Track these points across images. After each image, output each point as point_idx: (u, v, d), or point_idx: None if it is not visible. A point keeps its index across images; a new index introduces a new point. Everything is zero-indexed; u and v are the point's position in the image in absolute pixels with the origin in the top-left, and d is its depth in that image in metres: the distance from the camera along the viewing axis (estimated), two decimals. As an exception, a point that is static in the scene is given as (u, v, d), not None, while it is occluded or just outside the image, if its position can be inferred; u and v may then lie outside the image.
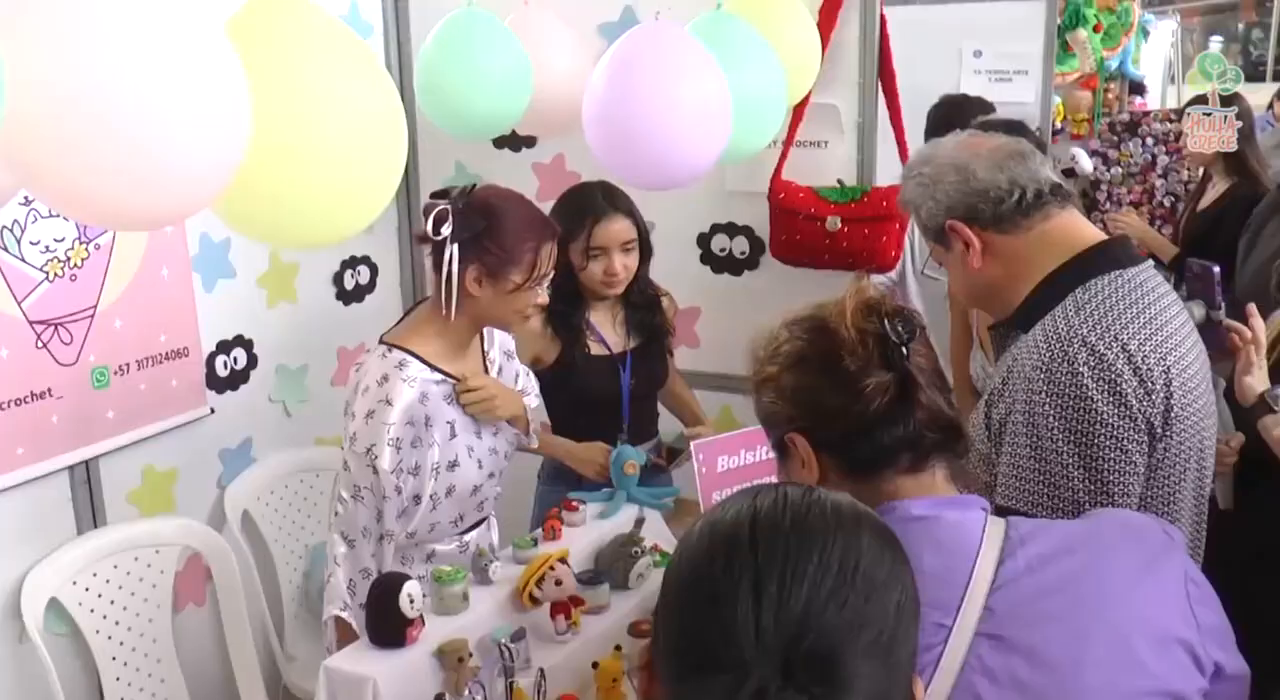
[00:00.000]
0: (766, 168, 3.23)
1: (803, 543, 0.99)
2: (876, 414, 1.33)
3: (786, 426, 1.41)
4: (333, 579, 2.38)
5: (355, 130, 1.67)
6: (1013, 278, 1.83)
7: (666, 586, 1.06)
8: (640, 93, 2.39)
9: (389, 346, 2.40)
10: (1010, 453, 1.72)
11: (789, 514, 1.02)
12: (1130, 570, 1.30)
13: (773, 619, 0.94)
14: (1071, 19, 5.96)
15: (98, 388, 2.78)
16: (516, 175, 3.56)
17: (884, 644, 0.97)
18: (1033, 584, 1.27)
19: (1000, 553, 1.29)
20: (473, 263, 2.32)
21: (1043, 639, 1.24)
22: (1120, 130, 6.15)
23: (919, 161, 1.92)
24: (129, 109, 1.33)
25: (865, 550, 1.00)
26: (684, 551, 1.06)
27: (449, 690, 2.12)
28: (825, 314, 1.40)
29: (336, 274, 3.60)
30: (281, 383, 3.41)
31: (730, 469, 2.69)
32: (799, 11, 2.96)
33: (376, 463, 2.31)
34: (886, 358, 1.34)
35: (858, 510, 1.06)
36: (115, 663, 2.87)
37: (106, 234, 2.74)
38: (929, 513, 1.32)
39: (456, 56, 2.80)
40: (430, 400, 2.38)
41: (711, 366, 3.30)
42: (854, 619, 0.96)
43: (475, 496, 2.54)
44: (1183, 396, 1.71)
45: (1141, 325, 1.70)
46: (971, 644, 1.24)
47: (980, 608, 1.25)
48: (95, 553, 2.83)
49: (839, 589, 0.96)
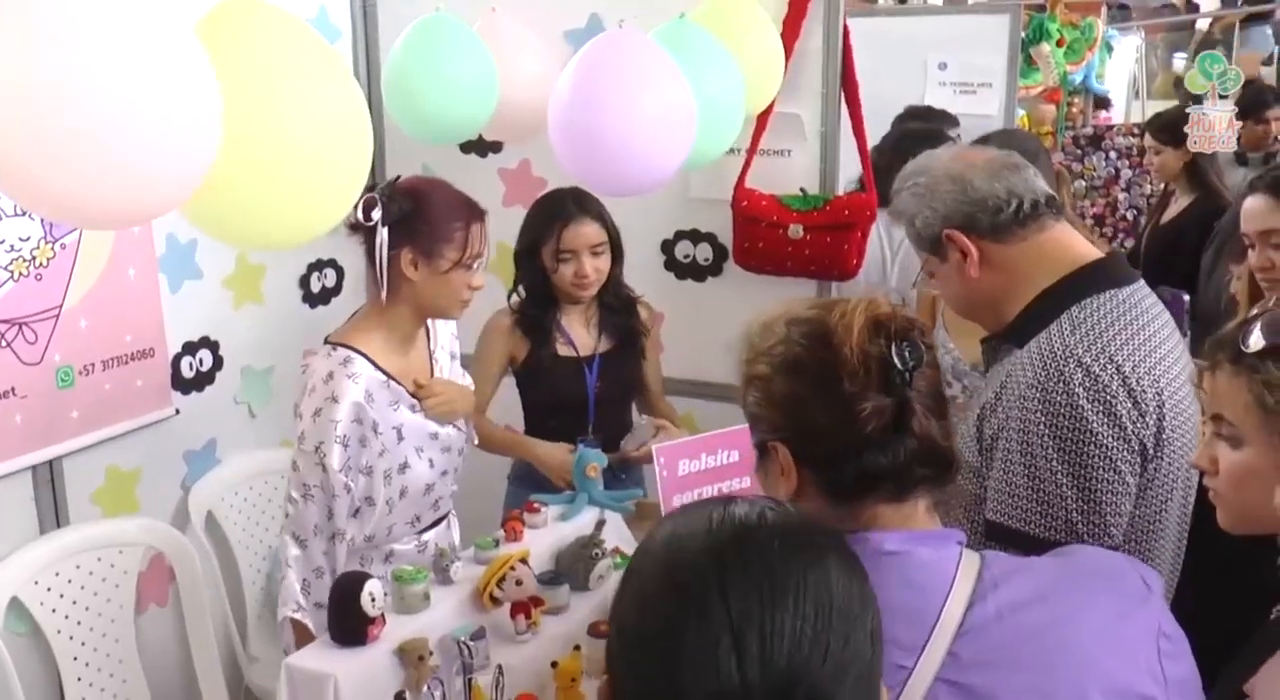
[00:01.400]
0: (730, 175, 3.26)
1: (775, 589, 0.94)
2: (867, 439, 1.27)
3: (770, 433, 1.35)
4: (285, 580, 2.40)
5: (319, 133, 1.70)
6: (1008, 289, 1.83)
7: (625, 638, 1.01)
8: (604, 99, 2.43)
9: (334, 345, 2.44)
10: (1003, 469, 1.72)
11: (755, 554, 0.97)
12: (1102, 623, 1.26)
13: (759, 675, 0.91)
14: (1035, 33, 6.06)
15: (62, 387, 2.78)
16: (483, 180, 3.58)
17: (866, 676, 0.97)
18: (1001, 632, 1.24)
19: (971, 595, 1.25)
20: (405, 245, 2.38)
21: (1004, 689, 1.21)
22: (1084, 144, 6.25)
23: (914, 172, 1.91)
24: (98, 107, 1.35)
25: (835, 585, 0.97)
26: (639, 597, 1.01)
27: (409, 688, 2.13)
28: (831, 325, 1.30)
29: (303, 277, 3.61)
30: (247, 384, 3.42)
31: (692, 473, 2.71)
32: (762, 21, 3.01)
33: (325, 461, 2.34)
34: (887, 382, 1.27)
35: (816, 537, 1.02)
36: (77, 663, 2.86)
37: (72, 234, 2.74)
38: (901, 548, 1.27)
39: (424, 61, 2.82)
40: (375, 402, 2.40)
41: (675, 372, 3.32)
42: (838, 664, 0.94)
43: (429, 496, 2.57)
44: (1174, 418, 1.72)
45: (1136, 346, 1.71)
46: (931, 688, 1.20)
47: (944, 652, 1.22)
48: (58, 552, 2.82)
49: (819, 636, 0.94)
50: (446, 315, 2.56)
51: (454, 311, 2.53)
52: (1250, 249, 2.50)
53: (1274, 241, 2.42)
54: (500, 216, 3.58)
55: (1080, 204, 6.10)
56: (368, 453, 2.40)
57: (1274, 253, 2.42)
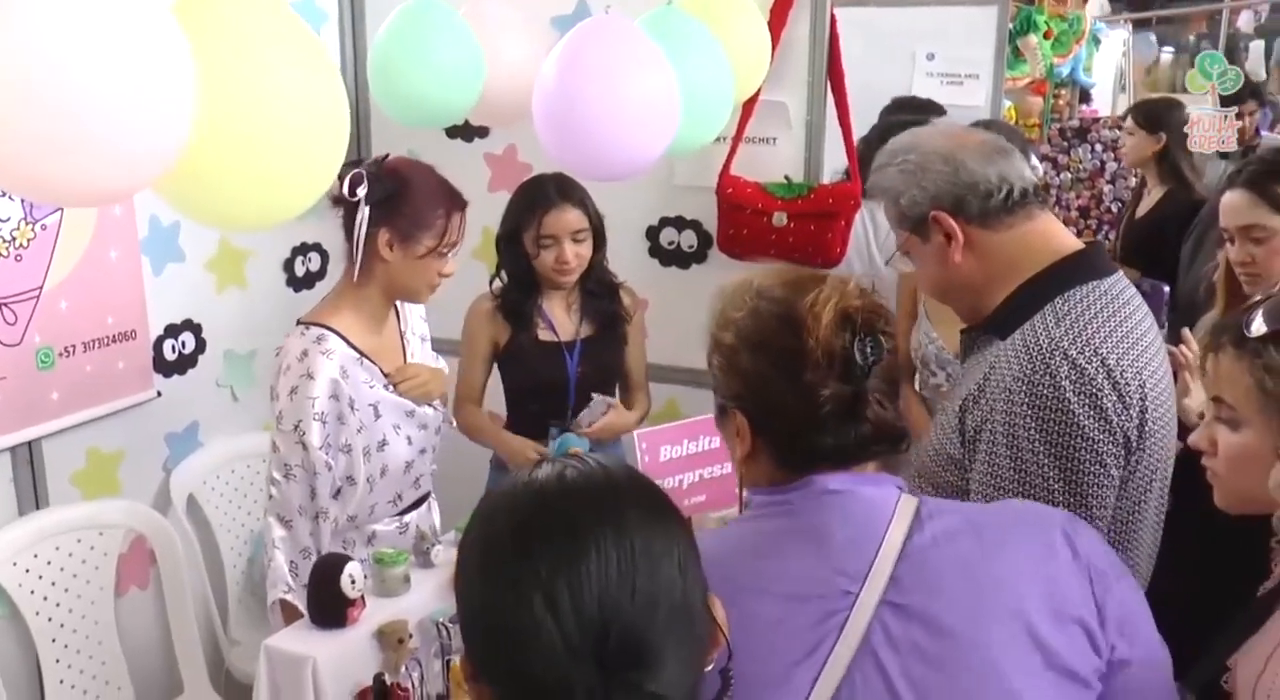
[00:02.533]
0: (715, 163, 3.27)
1: (578, 543, 1.01)
2: (823, 421, 1.34)
3: (731, 399, 1.42)
4: (273, 563, 2.40)
5: (295, 113, 1.68)
6: (989, 277, 1.80)
7: (463, 613, 1.09)
8: (588, 85, 2.42)
9: (306, 325, 2.44)
10: (987, 461, 1.71)
11: (556, 515, 1.04)
12: (1033, 550, 1.33)
13: (575, 625, 0.98)
14: (1023, 25, 6.05)
15: (42, 369, 2.78)
16: (469, 165, 3.58)
17: (679, 606, 1.02)
18: (938, 556, 1.30)
19: (910, 526, 1.32)
20: (384, 226, 2.38)
21: (944, 608, 1.27)
22: (1070, 136, 6.25)
23: (903, 149, 1.85)
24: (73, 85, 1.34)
25: (635, 527, 1.03)
26: (465, 573, 1.08)
27: (388, 670, 2.14)
28: (801, 314, 1.35)
29: (287, 260, 3.60)
30: (229, 368, 3.41)
31: (673, 459, 2.72)
32: (749, 9, 3.01)
33: (305, 439, 2.34)
34: (848, 374, 1.33)
35: (616, 483, 1.08)
36: (55, 645, 2.86)
37: (53, 214, 2.73)
38: (844, 487, 1.34)
39: (410, 45, 2.81)
40: (351, 378, 2.41)
41: (659, 358, 3.32)
42: (648, 598, 1.00)
43: (409, 474, 2.57)
44: (1155, 409, 1.72)
45: (1119, 339, 1.71)
46: (876, 611, 1.26)
47: (887, 577, 1.28)
48: (37, 534, 2.82)
49: (625, 576, 1.00)
50: (414, 299, 2.57)
51: (422, 296, 2.54)
52: (1229, 243, 2.50)
53: (1254, 236, 2.42)
54: (485, 201, 3.58)
55: (1066, 196, 6.12)
56: (346, 430, 2.40)
57: (1254, 247, 2.43)
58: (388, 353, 2.54)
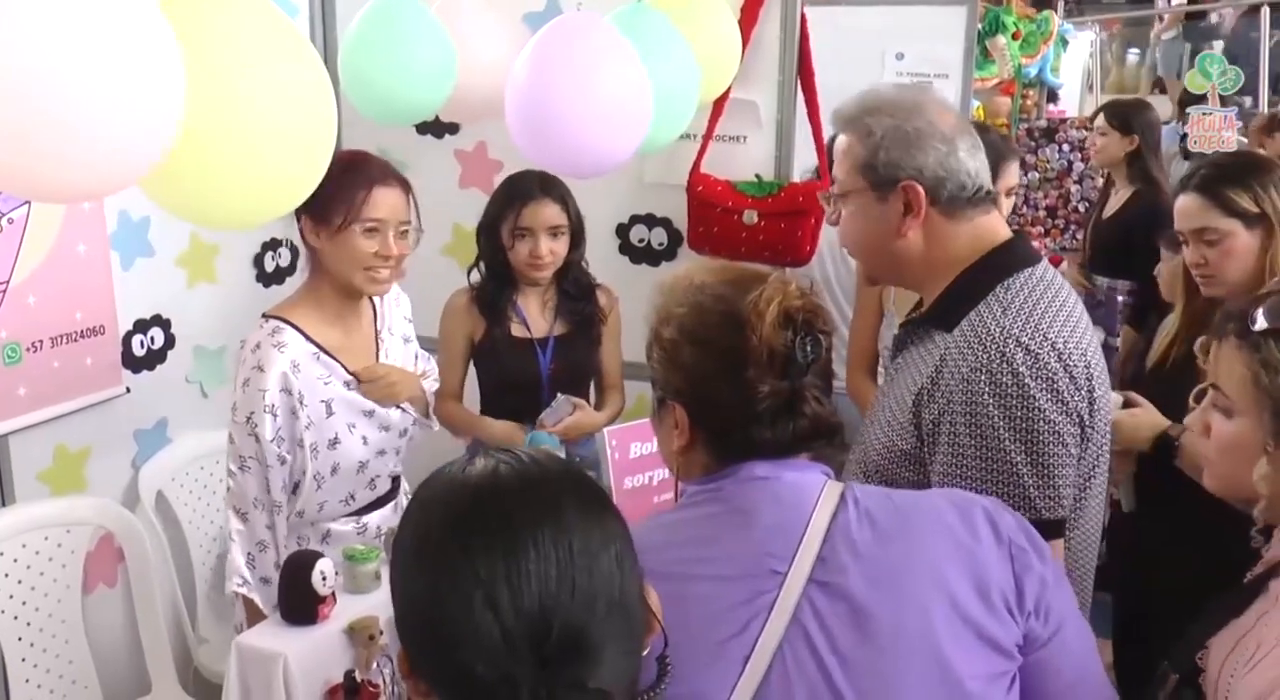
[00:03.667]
0: (685, 160, 3.28)
1: (516, 540, 1.01)
2: (759, 416, 1.38)
3: (671, 394, 1.45)
4: (230, 554, 2.42)
5: (284, 112, 1.69)
6: (926, 262, 1.82)
7: (398, 610, 1.08)
8: (559, 82, 2.43)
9: (267, 318, 2.46)
10: (951, 452, 1.73)
11: (492, 512, 1.04)
12: (956, 528, 1.38)
13: (515, 622, 0.98)
14: (991, 26, 6.10)
15: (9, 364, 2.75)
16: (439, 161, 3.58)
17: (617, 600, 1.04)
18: (861, 536, 1.35)
19: (835, 508, 1.37)
20: (304, 212, 2.39)
21: (870, 586, 1.32)
22: (1038, 136, 6.30)
23: (910, 109, 1.81)
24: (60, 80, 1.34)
25: (573, 524, 1.03)
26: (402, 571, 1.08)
27: (358, 667, 2.14)
28: (745, 312, 1.38)
29: (257, 256, 3.58)
30: (199, 364, 3.39)
31: (643, 455, 2.73)
32: (720, 8, 3.02)
33: (257, 431, 2.35)
34: (787, 371, 1.38)
35: (550, 482, 1.08)
36: (21, 644, 2.84)
37: (20, 208, 2.71)
38: (770, 473, 1.39)
39: (381, 41, 2.81)
40: (302, 372, 2.40)
41: (629, 355, 3.33)
42: (587, 594, 1.01)
43: (364, 474, 2.57)
44: (1099, 388, 1.77)
45: (1063, 323, 1.74)
46: (805, 590, 1.31)
47: (814, 556, 1.33)
48: (3, 531, 2.79)
49: (564, 573, 1.00)
50: (357, 287, 2.48)
51: (359, 281, 2.45)
52: (1184, 245, 2.55)
53: (1207, 238, 2.48)
54: (456, 198, 3.58)
55: (1034, 195, 6.17)
56: (297, 424, 2.40)
57: (1207, 250, 2.48)
58: (356, 350, 2.53)
